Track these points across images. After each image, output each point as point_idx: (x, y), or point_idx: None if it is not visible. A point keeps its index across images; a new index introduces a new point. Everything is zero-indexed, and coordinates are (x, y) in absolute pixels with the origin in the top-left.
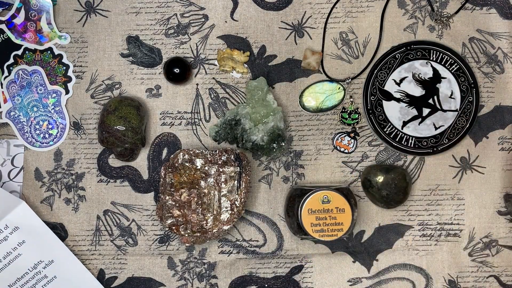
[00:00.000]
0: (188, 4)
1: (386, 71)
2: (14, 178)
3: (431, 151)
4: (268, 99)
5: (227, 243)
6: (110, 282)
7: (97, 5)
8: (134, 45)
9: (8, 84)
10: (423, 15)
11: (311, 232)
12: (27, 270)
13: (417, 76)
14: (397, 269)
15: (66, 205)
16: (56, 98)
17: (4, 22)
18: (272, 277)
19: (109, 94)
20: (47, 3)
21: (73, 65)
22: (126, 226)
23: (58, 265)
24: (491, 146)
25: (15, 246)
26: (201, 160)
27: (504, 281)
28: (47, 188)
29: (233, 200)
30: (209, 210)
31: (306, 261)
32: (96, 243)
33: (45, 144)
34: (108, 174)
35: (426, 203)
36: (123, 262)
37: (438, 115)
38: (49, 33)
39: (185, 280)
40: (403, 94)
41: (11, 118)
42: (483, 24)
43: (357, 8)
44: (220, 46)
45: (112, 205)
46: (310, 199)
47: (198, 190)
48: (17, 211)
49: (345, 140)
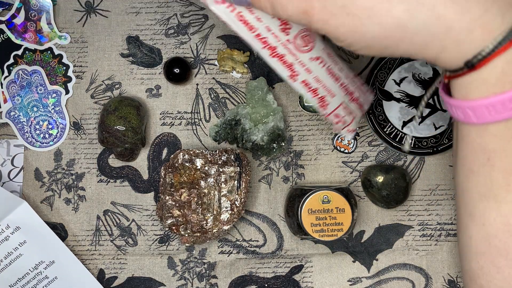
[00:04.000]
0: (188, 4)
1: (386, 71)
2: (14, 178)
3: (431, 151)
4: (268, 99)
5: (227, 243)
6: (110, 282)
7: (97, 5)
8: (134, 45)
9: (8, 84)
10: None
11: (311, 232)
12: (28, 270)
13: (417, 76)
14: (397, 269)
15: (66, 205)
16: (56, 98)
17: (4, 22)
18: (272, 277)
19: (109, 94)
20: (47, 3)
21: (73, 65)
22: (126, 226)
23: (59, 265)
24: None
25: (16, 246)
26: (201, 160)
27: None
28: (47, 188)
29: (233, 200)
30: (209, 210)
31: (306, 261)
32: (96, 243)
33: (45, 144)
34: (108, 174)
35: (426, 203)
36: (123, 262)
37: (438, 115)
38: (49, 33)
39: (185, 280)
40: (403, 94)
41: (11, 118)
42: None
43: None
44: (220, 46)
45: (112, 205)
46: (310, 199)
47: (198, 190)
48: (18, 211)
49: (345, 140)
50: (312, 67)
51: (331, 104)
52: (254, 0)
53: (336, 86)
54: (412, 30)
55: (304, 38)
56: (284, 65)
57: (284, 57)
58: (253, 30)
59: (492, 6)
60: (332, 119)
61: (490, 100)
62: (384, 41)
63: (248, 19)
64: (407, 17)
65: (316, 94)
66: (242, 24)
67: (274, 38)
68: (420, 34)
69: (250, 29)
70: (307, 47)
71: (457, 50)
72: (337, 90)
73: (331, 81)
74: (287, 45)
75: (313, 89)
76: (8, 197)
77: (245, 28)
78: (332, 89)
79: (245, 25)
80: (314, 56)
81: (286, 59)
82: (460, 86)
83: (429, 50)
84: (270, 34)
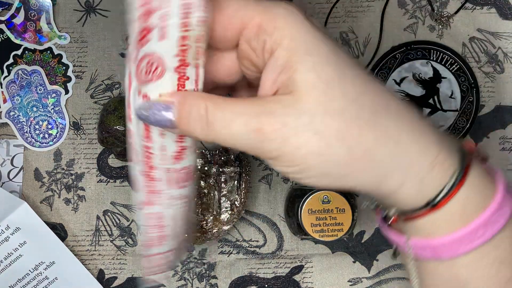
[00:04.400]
0: None
1: (386, 71)
2: (14, 178)
3: None
4: None
5: (227, 243)
6: (110, 283)
7: (97, 5)
8: None
9: (8, 84)
10: (423, 14)
11: (311, 232)
12: (28, 271)
13: (417, 76)
14: (397, 269)
15: (65, 205)
16: (55, 98)
17: (3, 22)
18: (272, 277)
19: (108, 94)
20: (47, 3)
21: (72, 65)
22: (126, 226)
23: (59, 266)
24: (492, 146)
25: (16, 247)
26: (201, 160)
27: None
28: (46, 188)
29: (233, 200)
30: (209, 210)
31: (306, 261)
32: (95, 243)
33: (44, 144)
34: (108, 174)
35: None
36: (122, 263)
37: (438, 115)
38: (48, 33)
39: (185, 280)
40: (403, 94)
41: (10, 118)
42: (483, 24)
43: (357, 8)
44: None
45: (111, 205)
46: (310, 199)
47: (198, 190)
48: (18, 212)
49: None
50: (176, 204)
51: (165, 245)
52: (181, 121)
53: (182, 230)
54: (378, 158)
55: (187, 173)
56: (148, 189)
57: (154, 182)
58: (147, 140)
59: (444, 144)
60: (154, 260)
61: (457, 235)
62: (345, 169)
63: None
64: (375, 145)
65: (161, 231)
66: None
67: (162, 159)
68: (384, 162)
69: (147, 137)
70: (185, 183)
71: (419, 188)
72: (179, 234)
73: (181, 224)
74: (168, 172)
75: (161, 225)
76: (8, 197)
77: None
78: (178, 231)
79: (145, 130)
80: (184, 194)
81: (156, 184)
82: (420, 225)
83: (390, 181)
84: (159, 153)
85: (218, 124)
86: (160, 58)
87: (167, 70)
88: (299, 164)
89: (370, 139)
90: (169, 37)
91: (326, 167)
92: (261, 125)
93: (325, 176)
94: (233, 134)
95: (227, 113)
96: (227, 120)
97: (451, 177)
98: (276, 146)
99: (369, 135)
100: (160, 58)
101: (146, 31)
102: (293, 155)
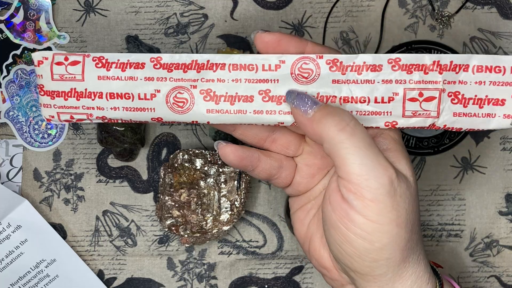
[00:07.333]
0: (188, 4)
1: None
2: (13, 178)
3: (432, 151)
4: None
5: (227, 243)
6: (110, 283)
7: (96, 5)
8: (134, 44)
9: (7, 84)
10: (423, 14)
11: None
12: (29, 269)
13: None
14: None
15: (65, 205)
16: None
17: (3, 22)
18: (272, 278)
19: None
20: (46, 3)
21: None
22: (125, 227)
23: (60, 264)
24: (493, 146)
25: (17, 245)
26: (200, 160)
27: (504, 281)
28: (46, 188)
29: (233, 201)
30: (208, 211)
31: (307, 262)
32: (95, 244)
33: (44, 144)
34: (107, 174)
35: (427, 204)
36: (122, 263)
37: None
38: (48, 33)
39: (185, 281)
40: None
41: (9, 118)
42: (484, 23)
43: (358, 8)
44: (220, 46)
45: (111, 205)
46: None
47: (198, 190)
48: (19, 210)
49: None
50: None
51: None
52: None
53: None
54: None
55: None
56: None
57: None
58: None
59: (421, 258)
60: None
61: None
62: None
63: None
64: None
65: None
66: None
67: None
68: (387, 275)
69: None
70: None
71: None
72: None
73: None
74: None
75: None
76: (9, 195)
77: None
78: None
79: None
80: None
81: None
82: None
83: (374, 283)
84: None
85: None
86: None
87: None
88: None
89: (404, 255)
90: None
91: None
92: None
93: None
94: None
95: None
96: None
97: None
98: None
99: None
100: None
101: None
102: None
